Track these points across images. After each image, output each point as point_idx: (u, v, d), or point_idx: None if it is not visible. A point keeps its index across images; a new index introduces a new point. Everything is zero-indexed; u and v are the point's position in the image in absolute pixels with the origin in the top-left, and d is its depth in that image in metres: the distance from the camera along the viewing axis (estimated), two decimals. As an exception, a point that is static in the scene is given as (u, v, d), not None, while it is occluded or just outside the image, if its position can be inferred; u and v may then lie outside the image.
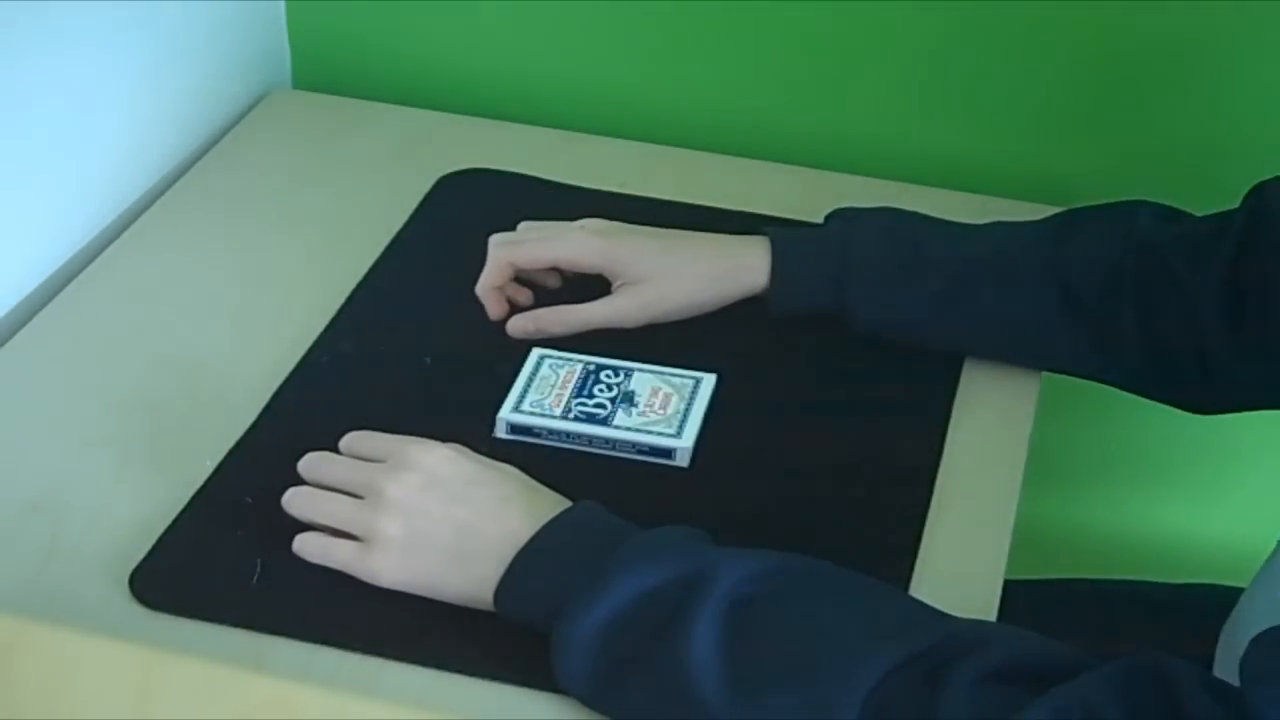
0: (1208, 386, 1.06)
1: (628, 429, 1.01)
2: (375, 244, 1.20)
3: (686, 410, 1.03)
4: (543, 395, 1.03)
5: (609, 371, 1.05)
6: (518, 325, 1.10)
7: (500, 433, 1.02)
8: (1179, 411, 1.11)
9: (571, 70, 1.40)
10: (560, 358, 1.07)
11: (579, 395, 1.03)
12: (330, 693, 0.75)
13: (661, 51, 1.38)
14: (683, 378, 1.05)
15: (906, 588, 0.94)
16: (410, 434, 0.93)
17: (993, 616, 0.93)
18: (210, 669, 0.74)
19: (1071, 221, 1.09)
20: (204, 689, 0.71)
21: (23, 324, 1.11)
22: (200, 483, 0.98)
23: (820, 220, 1.13)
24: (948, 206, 1.13)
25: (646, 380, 1.05)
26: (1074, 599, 1.19)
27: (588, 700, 0.84)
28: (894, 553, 0.96)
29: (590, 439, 1.01)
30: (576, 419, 1.02)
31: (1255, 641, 0.77)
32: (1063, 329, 1.06)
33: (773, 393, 1.09)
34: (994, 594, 0.95)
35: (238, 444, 1.01)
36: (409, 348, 1.10)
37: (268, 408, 1.04)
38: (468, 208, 1.25)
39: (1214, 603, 1.15)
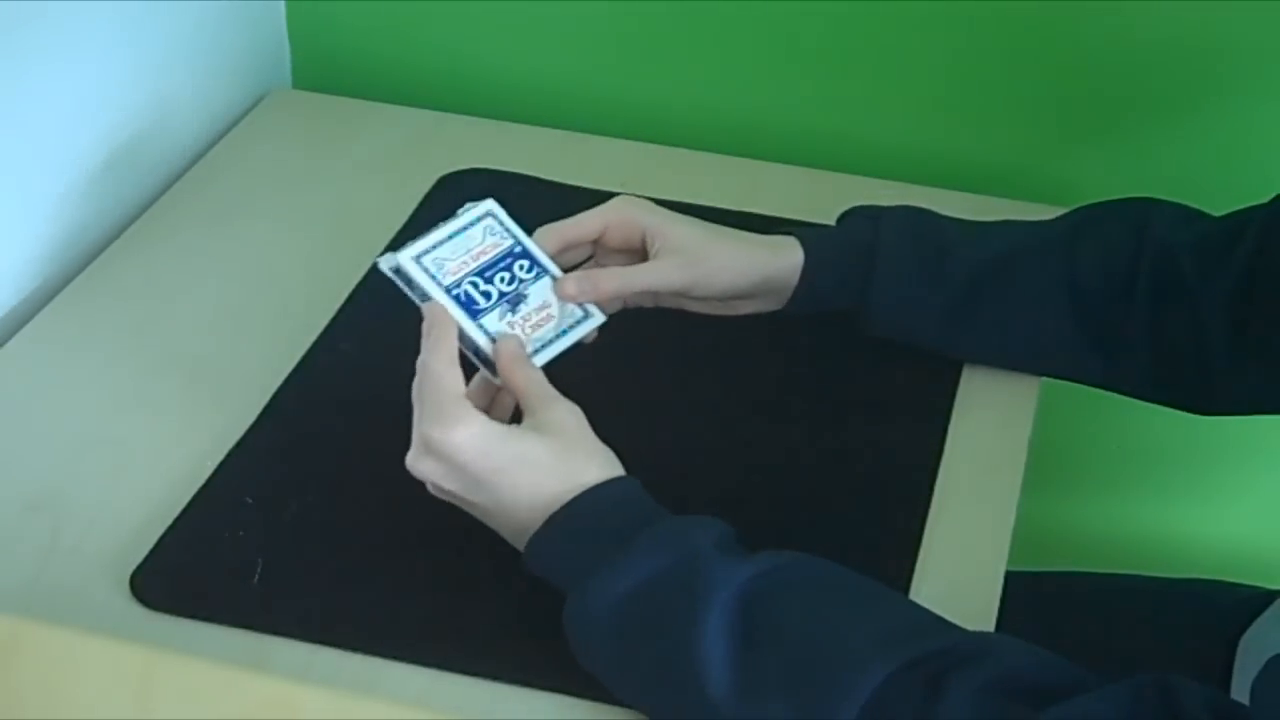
0: (1208, 390, 1.06)
1: (481, 331, 0.92)
2: (375, 244, 1.20)
3: (554, 339, 0.94)
4: (453, 254, 0.93)
5: (524, 264, 0.95)
6: (573, 288, 0.97)
7: (384, 267, 0.93)
8: (1178, 412, 1.11)
9: (571, 70, 1.40)
10: (503, 226, 0.96)
11: (481, 274, 0.93)
12: (330, 693, 0.76)
13: (661, 52, 1.37)
14: (575, 307, 0.96)
15: (907, 587, 0.94)
16: (410, 435, 0.92)
17: (993, 616, 0.93)
18: (210, 669, 0.74)
19: (1087, 221, 1.07)
20: (204, 689, 0.71)
21: (23, 324, 1.11)
22: (200, 483, 0.98)
23: (819, 220, 1.12)
24: (948, 207, 1.13)
25: (545, 291, 0.95)
26: (1074, 591, 1.19)
27: (600, 673, 0.84)
28: (894, 552, 0.96)
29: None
30: (455, 298, 0.92)
31: (1272, 665, 0.77)
32: (1070, 338, 1.05)
33: (774, 392, 1.09)
34: (994, 594, 0.95)
35: (238, 444, 1.01)
36: (409, 348, 1.10)
37: (268, 408, 1.04)
38: (467, 208, 1.24)
39: (1213, 598, 1.15)
